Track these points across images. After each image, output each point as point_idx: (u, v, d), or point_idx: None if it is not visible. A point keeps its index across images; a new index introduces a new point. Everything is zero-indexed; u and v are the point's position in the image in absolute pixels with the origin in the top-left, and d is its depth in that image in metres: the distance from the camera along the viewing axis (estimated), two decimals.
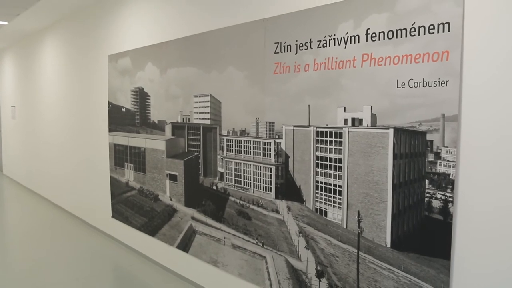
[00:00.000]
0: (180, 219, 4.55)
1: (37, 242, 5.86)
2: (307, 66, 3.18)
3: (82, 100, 6.67)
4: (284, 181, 3.42)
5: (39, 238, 6.09)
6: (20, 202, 8.48)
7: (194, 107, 4.26)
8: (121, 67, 5.44)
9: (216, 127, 4.02)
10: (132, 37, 5.23)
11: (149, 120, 4.95)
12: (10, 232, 6.55)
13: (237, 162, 3.82)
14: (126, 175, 5.47)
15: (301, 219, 3.29)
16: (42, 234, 6.38)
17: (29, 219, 7.26)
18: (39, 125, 8.74)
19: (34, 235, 6.15)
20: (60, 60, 7.49)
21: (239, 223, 3.82)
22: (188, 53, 4.30)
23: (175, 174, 4.56)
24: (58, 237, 6.32)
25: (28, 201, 8.61)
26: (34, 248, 4.18)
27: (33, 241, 4.11)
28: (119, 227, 5.70)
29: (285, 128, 3.37)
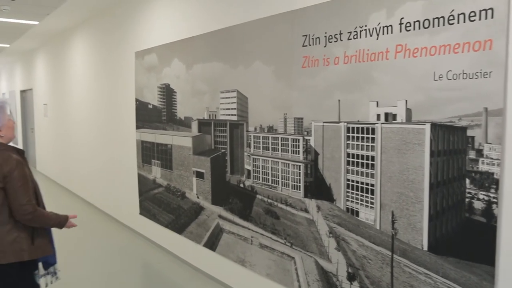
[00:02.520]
0: (207, 217, 4.47)
1: (66, 237, 5.89)
2: (337, 59, 3.03)
3: (110, 98, 6.69)
4: (313, 179, 3.28)
5: (68, 234, 6.13)
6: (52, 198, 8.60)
7: (221, 103, 4.16)
8: (148, 63, 5.39)
9: (243, 124, 3.91)
10: (158, 33, 5.18)
11: (175, 116, 4.88)
12: None
13: (265, 159, 3.71)
14: (153, 172, 5.43)
15: (332, 219, 3.15)
16: (72, 230, 6.42)
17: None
18: (69, 123, 8.84)
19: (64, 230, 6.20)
20: (88, 58, 7.54)
21: (267, 222, 3.71)
22: (214, 48, 4.20)
23: (202, 171, 4.48)
24: (87, 233, 6.36)
25: (59, 197, 8.74)
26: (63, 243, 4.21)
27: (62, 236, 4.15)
28: (147, 224, 5.68)
29: (314, 124, 3.23)
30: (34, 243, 2.65)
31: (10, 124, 2.70)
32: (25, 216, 2.56)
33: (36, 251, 2.66)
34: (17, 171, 2.54)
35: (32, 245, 2.63)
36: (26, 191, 2.56)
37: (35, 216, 2.59)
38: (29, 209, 2.55)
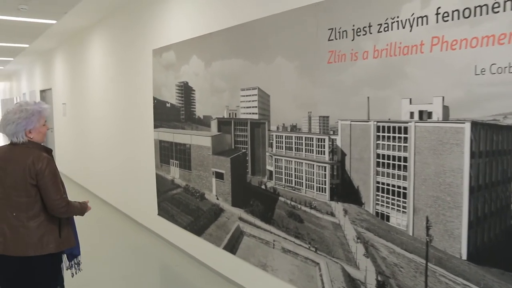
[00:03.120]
0: (227, 219, 4.32)
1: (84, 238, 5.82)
2: (366, 54, 2.84)
3: (128, 97, 6.59)
4: (340, 181, 3.10)
5: (86, 234, 6.05)
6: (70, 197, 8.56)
7: (241, 101, 4.00)
8: (166, 61, 5.26)
9: (265, 122, 3.74)
10: (176, 30, 5.05)
11: (194, 115, 4.74)
12: None
13: (288, 160, 3.54)
14: (171, 173, 5.30)
15: (360, 224, 2.96)
16: (90, 230, 6.34)
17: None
18: (87, 122, 8.79)
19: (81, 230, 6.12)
20: (106, 57, 7.46)
21: (290, 225, 3.54)
22: (234, 44, 4.04)
23: (222, 172, 4.33)
24: (105, 233, 6.28)
25: (77, 197, 8.67)
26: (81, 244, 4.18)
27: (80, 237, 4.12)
28: (165, 225, 5.56)
29: (341, 123, 3.05)
30: (61, 236, 2.77)
31: (42, 129, 2.82)
32: (60, 209, 2.71)
33: (63, 243, 2.78)
34: (48, 168, 2.66)
35: (59, 238, 2.75)
36: (58, 186, 2.70)
37: (68, 209, 2.76)
38: (62, 203, 2.71)
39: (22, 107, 2.73)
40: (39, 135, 2.80)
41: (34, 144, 2.76)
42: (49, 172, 2.67)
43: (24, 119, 2.70)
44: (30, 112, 2.72)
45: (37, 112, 2.75)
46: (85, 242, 5.63)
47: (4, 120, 2.72)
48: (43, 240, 2.67)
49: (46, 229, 2.70)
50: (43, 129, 2.82)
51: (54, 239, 2.71)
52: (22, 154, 2.68)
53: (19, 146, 2.73)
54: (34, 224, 2.66)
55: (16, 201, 2.65)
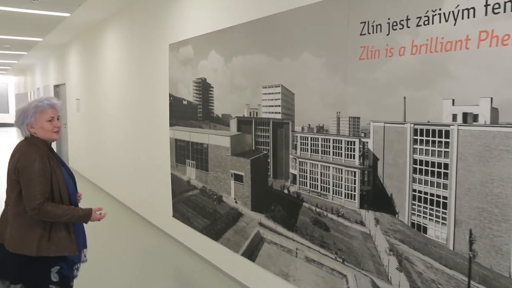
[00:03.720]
0: (246, 224, 4.10)
1: (96, 239, 5.67)
2: (403, 50, 2.60)
3: (143, 93, 6.40)
4: (371, 188, 2.86)
5: (98, 235, 5.90)
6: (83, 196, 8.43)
7: (263, 100, 3.78)
8: (183, 56, 5.06)
9: (288, 123, 3.51)
10: (194, 24, 4.83)
11: (212, 113, 4.53)
12: None
13: (313, 164, 3.30)
14: (187, 173, 5.10)
15: (393, 235, 2.73)
16: (102, 231, 6.19)
17: None
18: (101, 118, 8.65)
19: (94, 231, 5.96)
20: (120, 51, 7.28)
21: (315, 233, 3.31)
22: (256, 39, 3.81)
23: (241, 174, 4.11)
24: (117, 233, 6.12)
25: (90, 195, 8.57)
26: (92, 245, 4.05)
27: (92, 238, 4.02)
28: (180, 227, 5.37)
29: (373, 124, 2.81)
30: (51, 240, 2.63)
31: (45, 125, 2.69)
32: (31, 211, 2.55)
33: (50, 248, 2.62)
34: (30, 167, 2.56)
35: (48, 242, 2.61)
36: (36, 186, 2.55)
37: (41, 211, 2.55)
38: (33, 205, 2.54)
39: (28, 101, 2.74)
40: (42, 131, 2.69)
41: (37, 140, 2.69)
42: (30, 171, 2.56)
43: (22, 112, 2.68)
44: (27, 106, 2.70)
45: (33, 107, 2.68)
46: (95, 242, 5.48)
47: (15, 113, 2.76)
48: (24, 240, 2.59)
49: (30, 230, 2.60)
50: (46, 126, 2.69)
51: (37, 241, 2.59)
52: (18, 149, 2.68)
53: (24, 141, 2.72)
54: (18, 221, 2.62)
55: (9, 196, 2.67)
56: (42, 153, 2.64)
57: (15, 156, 2.65)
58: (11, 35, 10.21)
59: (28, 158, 2.59)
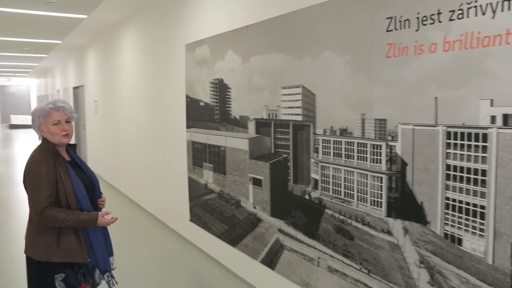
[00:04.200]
0: (265, 230, 3.94)
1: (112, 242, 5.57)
2: (434, 46, 2.40)
3: (159, 94, 6.29)
4: (399, 195, 2.67)
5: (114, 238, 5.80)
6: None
7: (282, 101, 3.61)
8: (199, 56, 4.92)
9: (309, 125, 3.33)
10: (211, 23, 4.69)
11: (229, 115, 4.37)
12: None
13: (336, 168, 3.12)
14: (204, 176, 4.96)
15: (423, 246, 2.53)
16: (118, 234, 6.09)
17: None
18: (118, 120, 8.59)
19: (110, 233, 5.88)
20: (137, 53, 7.19)
21: (338, 242, 3.13)
22: (275, 37, 3.65)
23: (260, 178, 3.95)
24: (133, 236, 6.02)
25: (108, 197, 8.49)
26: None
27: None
28: (197, 232, 5.23)
29: (401, 127, 2.62)
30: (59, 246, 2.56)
31: (52, 129, 2.64)
32: (34, 216, 2.51)
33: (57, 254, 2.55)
34: (34, 171, 2.53)
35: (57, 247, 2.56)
36: (39, 190, 2.50)
37: (42, 216, 2.49)
38: (36, 209, 2.49)
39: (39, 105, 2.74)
40: (50, 135, 2.64)
41: (47, 143, 2.66)
42: (32, 174, 2.54)
43: (32, 115, 2.69)
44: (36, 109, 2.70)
45: (39, 110, 2.67)
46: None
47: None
48: (33, 244, 2.58)
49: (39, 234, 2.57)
50: (53, 129, 2.63)
51: (46, 245, 2.55)
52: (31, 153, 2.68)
53: (38, 145, 2.72)
54: (30, 225, 2.62)
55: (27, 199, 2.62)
56: (48, 157, 2.59)
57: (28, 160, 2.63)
58: (31, 37, 10.24)
59: (32, 162, 2.57)
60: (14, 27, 8.81)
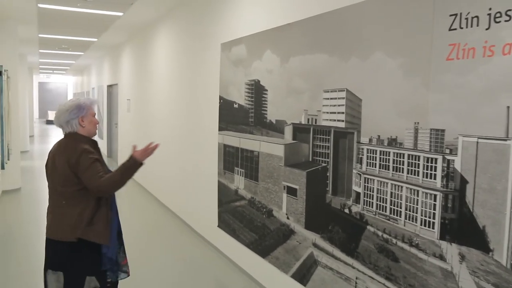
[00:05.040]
0: (298, 243, 3.66)
1: (138, 243, 5.40)
2: (508, 47, 2.08)
3: (192, 95, 6.10)
4: (456, 217, 2.35)
5: (140, 239, 5.65)
6: (130, 198, 8.27)
7: (324, 105, 3.33)
8: (235, 56, 4.69)
9: (353, 133, 3.04)
10: (248, 21, 4.46)
11: (265, 119, 4.12)
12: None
13: (382, 182, 2.82)
14: (235, 182, 4.72)
15: (484, 276, 2.21)
16: (145, 235, 5.94)
17: (136, 216, 6.91)
18: (149, 119, 8.47)
19: (136, 234, 5.72)
20: (171, 51, 7.04)
21: (380, 263, 2.82)
22: (318, 37, 3.38)
23: (295, 187, 3.68)
24: (159, 239, 5.84)
25: (137, 197, 8.40)
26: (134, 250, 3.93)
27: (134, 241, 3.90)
28: (225, 239, 4.99)
29: (462, 139, 2.30)
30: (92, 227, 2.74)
31: (94, 120, 2.91)
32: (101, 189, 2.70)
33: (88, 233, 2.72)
34: (82, 157, 2.70)
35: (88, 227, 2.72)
36: (96, 167, 2.71)
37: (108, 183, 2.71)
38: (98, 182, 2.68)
39: (71, 100, 2.88)
40: (90, 125, 2.87)
41: (80, 136, 2.82)
42: (84, 159, 2.70)
43: (76, 106, 2.81)
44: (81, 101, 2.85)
45: (86, 101, 2.87)
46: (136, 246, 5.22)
47: (58, 111, 2.81)
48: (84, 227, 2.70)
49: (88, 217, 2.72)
50: (94, 120, 2.90)
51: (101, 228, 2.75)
52: (66, 145, 2.78)
53: (66, 137, 2.83)
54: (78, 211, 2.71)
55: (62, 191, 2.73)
56: (89, 143, 2.83)
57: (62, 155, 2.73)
58: (68, 35, 10.30)
59: (78, 150, 2.71)
60: (52, 25, 8.85)
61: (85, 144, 2.79)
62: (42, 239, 2.87)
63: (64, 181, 2.72)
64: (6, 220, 6.76)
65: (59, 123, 2.82)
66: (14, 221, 6.80)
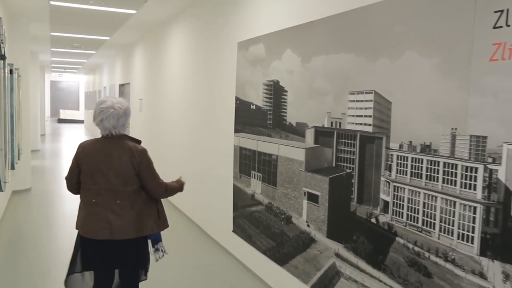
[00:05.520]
0: (319, 252, 3.49)
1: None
2: None
3: (207, 95, 5.95)
4: (499, 231, 2.16)
5: None
6: None
7: (349, 108, 3.15)
8: (253, 55, 4.52)
9: (382, 138, 2.86)
10: (267, 19, 4.29)
11: (284, 121, 3.95)
12: None
13: (414, 191, 2.63)
14: (252, 186, 4.56)
15: None
16: None
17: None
18: (162, 120, 8.33)
19: None
20: (185, 51, 6.89)
21: (410, 277, 2.64)
22: (343, 35, 3.20)
23: (316, 194, 3.50)
24: (172, 243, 5.67)
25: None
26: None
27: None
28: (241, 245, 4.83)
29: (507, 147, 2.11)
30: (160, 217, 3.07)
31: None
32: (162, 189, 3.03)
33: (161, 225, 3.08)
34: (146, 158, 2.93)
35: (158, 219, 3.05)
36: (155, 173, 2.99)
37: (167, 190, 3.09)
38: (162, 187, 3.03)
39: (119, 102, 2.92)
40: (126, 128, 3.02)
41: (127, 136, 2.97)
42: (147, 161, 2.92)
43: (126, 109, 2.92)
44: (126, 106, 2.95)
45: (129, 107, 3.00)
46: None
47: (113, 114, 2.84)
48: (142, 223, 2.91)
49: (145, 213, 2.94)
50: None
51: (153, 221, 2.99)
52: (123, 146, 2.87)
53: (116, 139, 2.90)
54: (136, 209, 2.89)
55: (121, 190, 2.84)
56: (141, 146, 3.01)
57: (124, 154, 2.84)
58: (80, 33, 10.21)
59: (142, 151, 2.92)
60: (64, 23, 8.76)
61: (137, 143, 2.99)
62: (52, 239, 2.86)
63: (126, 180, 2.84)
64: (17, 220, 6.67)
65: (113, 125, 2.85)
66: (24, 221, 6.71)
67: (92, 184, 2.85)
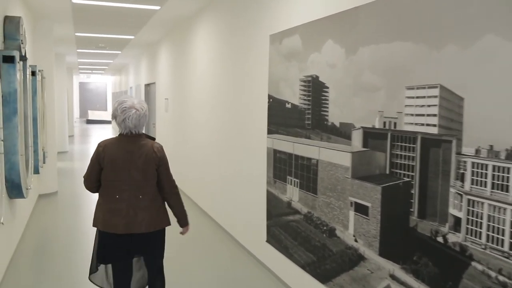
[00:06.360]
0: (369, 272, 3.03)
1: (177, 253, 4.90)
2: None
3: (236, 94, 5.54)
4: None
5: (180, 249, 5.14)
6: None
7: (407, 106, 2.67)
8: (287, 49, 4.09)
9: (451, 140, 2.38)
10: (303, 7, 3.84)
11: (325, 121, 3.50)
12: None
13: (497, 206, 2.15)
14: (288, 193, 4.13)
15: None
16: (185, 244, 5.41)
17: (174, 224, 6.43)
18: (188, 120, 7.98)
19: (177, 244, 5.20)
20: (213, 47, 6.50)
21: None
22: (397, 20, 2.73)
23: (366, 204, 3.04)
24: (200, 250, 5.31)
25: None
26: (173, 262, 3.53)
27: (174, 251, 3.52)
28: (275, 256, 4.41)
29: None
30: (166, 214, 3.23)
31: None
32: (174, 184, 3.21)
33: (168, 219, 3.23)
34: (165, 155, 3.12)
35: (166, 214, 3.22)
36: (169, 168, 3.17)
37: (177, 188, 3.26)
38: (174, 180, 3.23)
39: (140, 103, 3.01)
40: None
41: (144, 134, 3.10)
42: (165, 157, 3.12)
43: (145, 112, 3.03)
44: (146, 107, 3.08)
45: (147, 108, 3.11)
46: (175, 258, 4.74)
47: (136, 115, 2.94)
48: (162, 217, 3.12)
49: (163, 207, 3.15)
50: None
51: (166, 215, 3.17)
52: (144, 143, 3.02)
53: (137, 137, 3.02)
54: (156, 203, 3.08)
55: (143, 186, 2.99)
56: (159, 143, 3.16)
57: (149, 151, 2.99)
58: (104, 33, 9.99)
59: (161, 149, 3.09)
60: (88, 22, 8.53)
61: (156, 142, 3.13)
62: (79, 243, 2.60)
63: (148, 176, 2.98)
64: (43, 225, 6.44)
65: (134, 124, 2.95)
66: (51, 226, 6.48)
67: (115, 181, 2.95)
